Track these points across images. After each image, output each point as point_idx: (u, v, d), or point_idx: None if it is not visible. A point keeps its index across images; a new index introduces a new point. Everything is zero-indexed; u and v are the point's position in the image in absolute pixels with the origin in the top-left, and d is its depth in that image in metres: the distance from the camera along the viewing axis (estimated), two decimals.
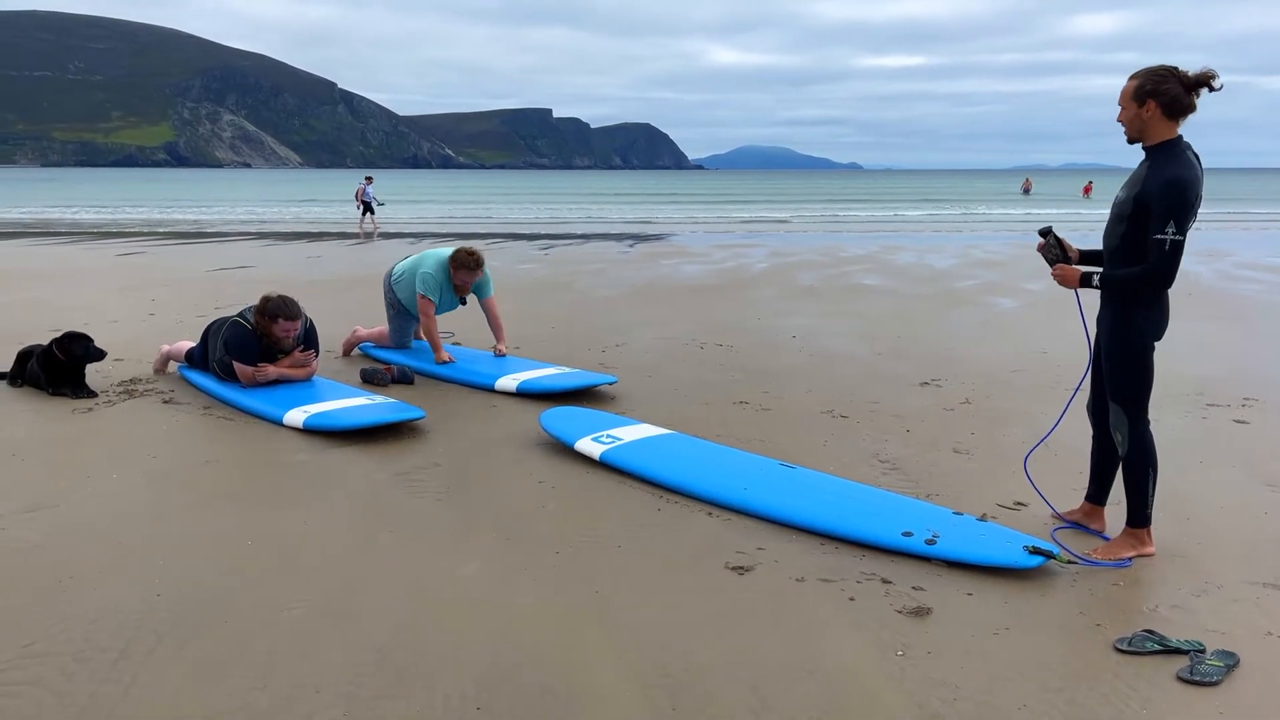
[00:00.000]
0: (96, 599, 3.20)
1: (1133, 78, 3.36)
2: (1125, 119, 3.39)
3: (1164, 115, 3.29)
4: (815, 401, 6.09)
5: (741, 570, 3.47)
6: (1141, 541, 3.60)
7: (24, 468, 4.60)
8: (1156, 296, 3.41)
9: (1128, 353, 3.48)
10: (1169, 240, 3.20)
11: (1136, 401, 3.51)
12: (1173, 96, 3.26)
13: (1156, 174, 3.27)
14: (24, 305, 9.84)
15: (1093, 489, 3.94)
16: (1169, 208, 3.20)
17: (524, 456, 4.88)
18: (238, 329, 5.87)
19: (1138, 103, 3.32)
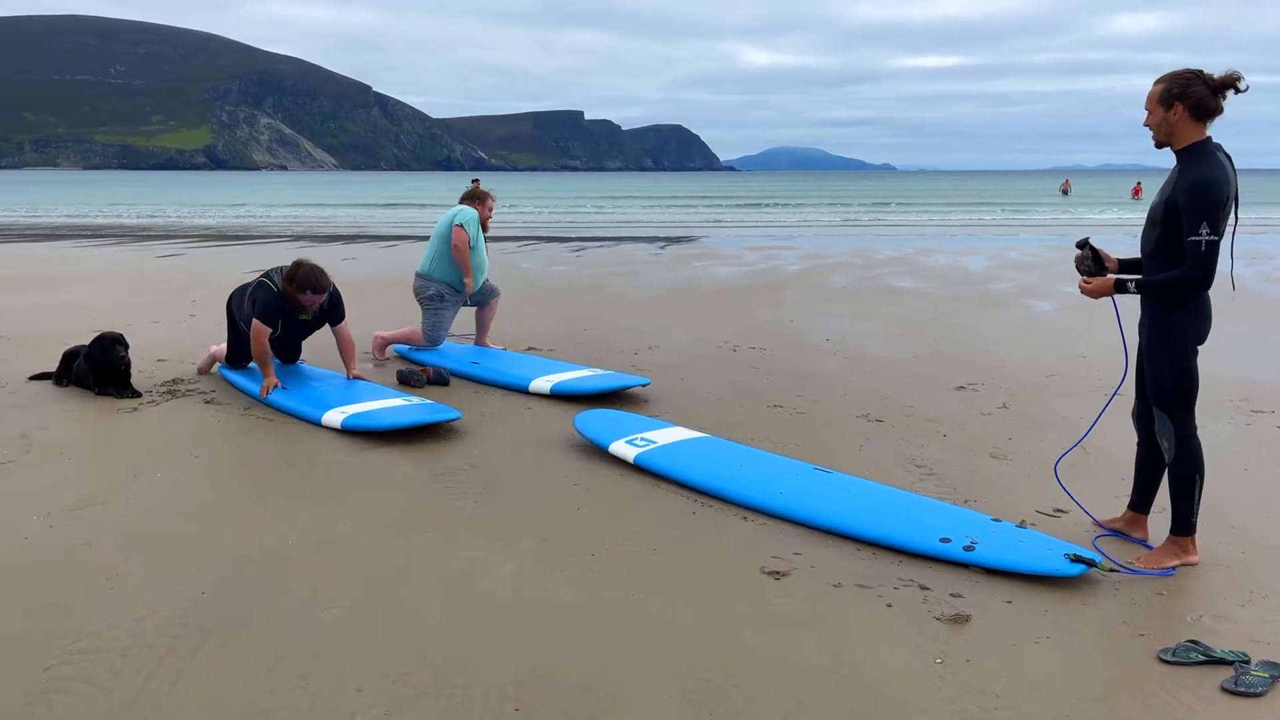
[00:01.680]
0: (143, 596, 3.26)
1: (1158, 82, 3.36)
2: (1153, 123, 3.39)
3: (1191, 118, 3.29)
4: (850, 405, 6.06)
5: (778, 575, 3.47)
6: (1185, 550, 3.54)
7: (72, 466, 4.70)
8: (1196, 299, 3.38)
9: (1170, 357, 3.44)
10: (1204, 241, 3.19)
11: (1181, 407, 3.46)
12: (1199, 99, 3.26)
13: (1185, 177, 3.27)
14: (70, 307, 10.04)
15: (1135, 496, 3.88)
16: (1199, 209, 3.19)
17: (558, 458, 4.91)
18: (266, 291, 5.95)
19: (1164, 106, 3.32)
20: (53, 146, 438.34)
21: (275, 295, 5.94)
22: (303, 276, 5.87)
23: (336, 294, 6.16)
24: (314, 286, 5.88)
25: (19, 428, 5.35)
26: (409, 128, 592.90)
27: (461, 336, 8.32)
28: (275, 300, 5.93)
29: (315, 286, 5.89)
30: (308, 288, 5.88)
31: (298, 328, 6.17)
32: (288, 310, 5.99)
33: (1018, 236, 23.62)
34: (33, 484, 4.42)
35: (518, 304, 10.52)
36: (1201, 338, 3.45)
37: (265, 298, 5.94)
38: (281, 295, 5.94)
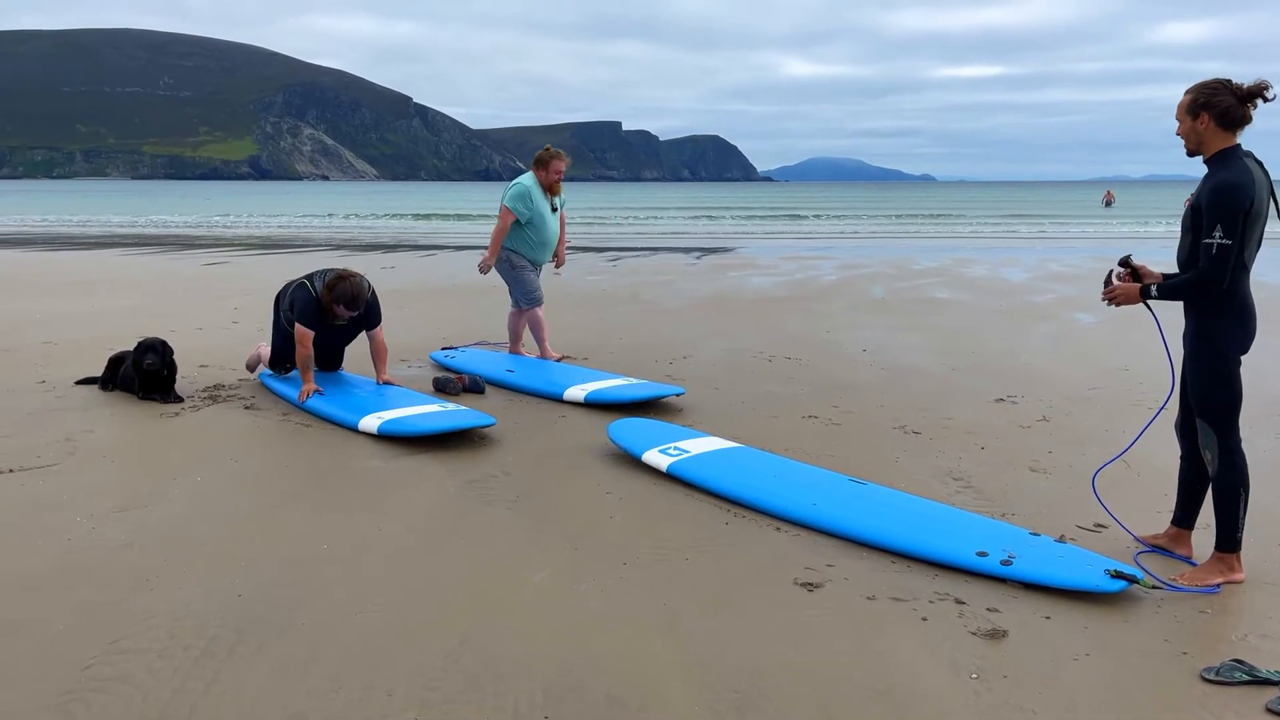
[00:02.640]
0: (181, 597, 3.31)
1: (1187, 92, 3.40)
2: (1183, 132, 3.43)
3: (1219, 126, 3.32)
4: (886, 417, 6.00)
5: (811, 587, 3.44)
6: (1231, 568, 3.47)
7: (114, 469, 4.79)
8: (1234, 306, 3.36)
9: (1210, 366, 3.42)
10: (1216, 244, 3.22)
11: (1224, 417, 3.42)
12: (1225, 108, 3.30)
13: (1210, 182, 3.30)
14: (116, 313, 10.25)
15: (1179, 512, 3.80)
16: (1215, 211, 3.23)
17: (592, 467, 4.91)
18: (305, 294, 6.05)
19: (1192, 116, 3.36)
20: (103, 157, 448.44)
21: (313, 300, 6.03)
22: (341, 290, 5.91)
23: (374, 300, 6.21)
24: (348, 303, 5.92)
25: (65, 431, 5.46)
26: (449, 138, 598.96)
27: (496, 345, 8.37)
28: (312, 304, 6.02)
29: (350, 303, 5.93)
30: (342, 302, 5.92)
31: (333, 332, 6.25)
32: (322, 314, 6.07)
33: (1058, 248, 23.29)
34: (77, 486, 4.51)
35: (553, 312, 10.53)
36: (1244, 347, 3.42)
37: (303, 300, 6.03)
38: (318, 300, 6.02)
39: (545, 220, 7.22)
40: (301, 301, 6.03)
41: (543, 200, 7.20)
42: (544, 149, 7.34)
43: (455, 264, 17.77)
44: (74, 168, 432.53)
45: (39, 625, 3.10)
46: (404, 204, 62.83)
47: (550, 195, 7.24)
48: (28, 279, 14.05)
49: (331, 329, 6.19)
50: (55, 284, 13.24)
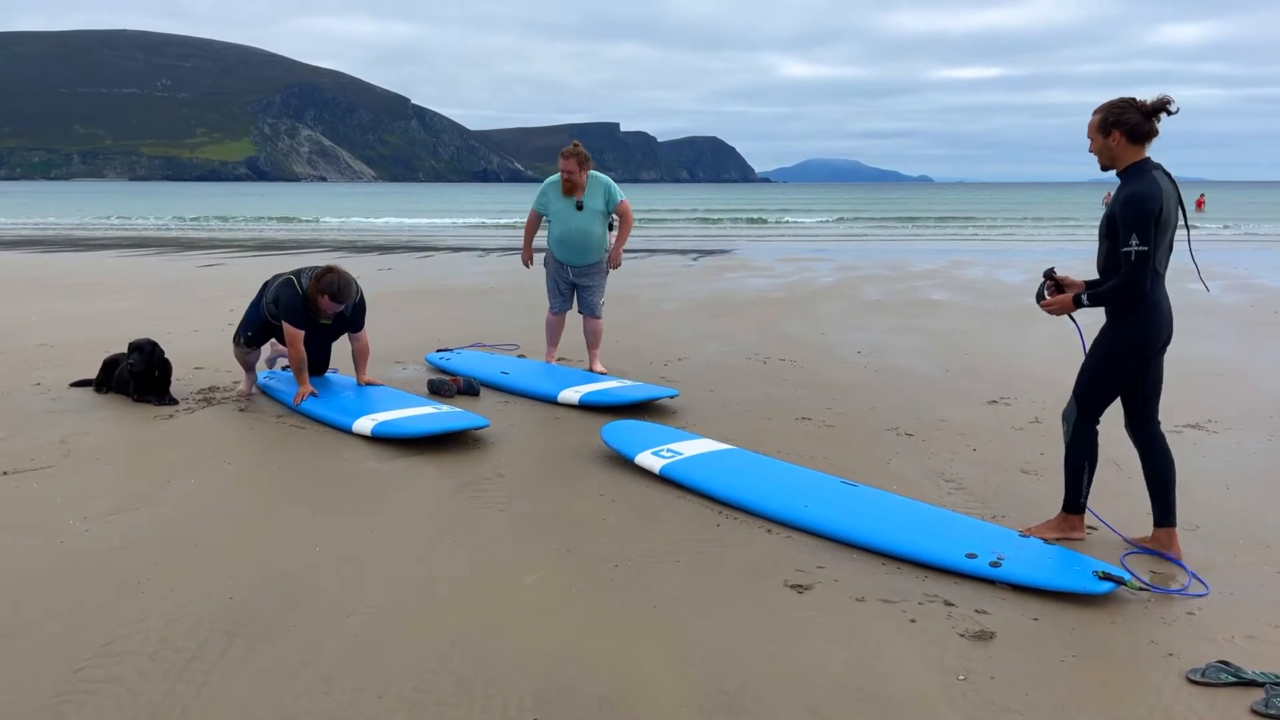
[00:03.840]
0: (173, 600, 3.32)
1: (1096, 112, 3.61)
2: (1095, 150, 3.63)
3: (1129, 142, 3.53)
4: (880, 418, 6.02)
5: (801, 589, 3.45)
6: (1073, 526, 3.86)
7: (108, 472, 4.80)
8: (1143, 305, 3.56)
9: (1103, 354, 3.68)
10: (1134, 252, 3.43)
11: (1092, 402, 3.73)
12: (1134, 125, 3.50)
13: (1123, 194, 3.51)
14: (112, 315, 10.25)
15: (1156, 511, 3.84)
16: (1129, 221, 3.43)
17: (585, 469, 4.92)
18: (290, 291, 5.94)
19: (1104, 134, 3.57)
20: (100, 158, 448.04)
21: (299, 298, 5.93)
22: (328, 281, 5.84)
23: (362, 303, 6.18)
24: (334, 294, 5.84)
25: (59, 433, 5.47)
26: (447, 139, 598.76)
27: (492, 347, 8.38)
28: (298, 303, 5.92)
29: (336, 295, 5.85)
30: (328, 293, 5.83)
31: (316, 332, 6.14)
32: (308, 311, 5.97)
33: (1055, 249, 23.34)
34: (71, 488, 4.52)
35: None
36: (1149, 344, 3.64)
37: (288, 299, 5.93)
38: (304, 296, 5.92)
39: (562, 217, 7.01)
40: (287, 300, 5.93)
41: (558, 197, 7.01)
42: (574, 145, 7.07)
43: (452, 265, 17.79)
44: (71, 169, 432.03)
45: (32, 627, 3.11)
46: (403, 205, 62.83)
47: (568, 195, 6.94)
48: (24, 281, 14.05)
49: (316, 328, 6.09)
50: (51, 286, 13.25)
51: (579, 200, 6.94)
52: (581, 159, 6.89)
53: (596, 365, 7.33)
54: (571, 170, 6.86)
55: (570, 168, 6.86)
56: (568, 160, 6.87)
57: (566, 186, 6.93)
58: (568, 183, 6.90)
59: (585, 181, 6.95)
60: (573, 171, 6.86)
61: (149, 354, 6.19)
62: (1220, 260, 19.37)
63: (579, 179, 6.90)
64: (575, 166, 6.86)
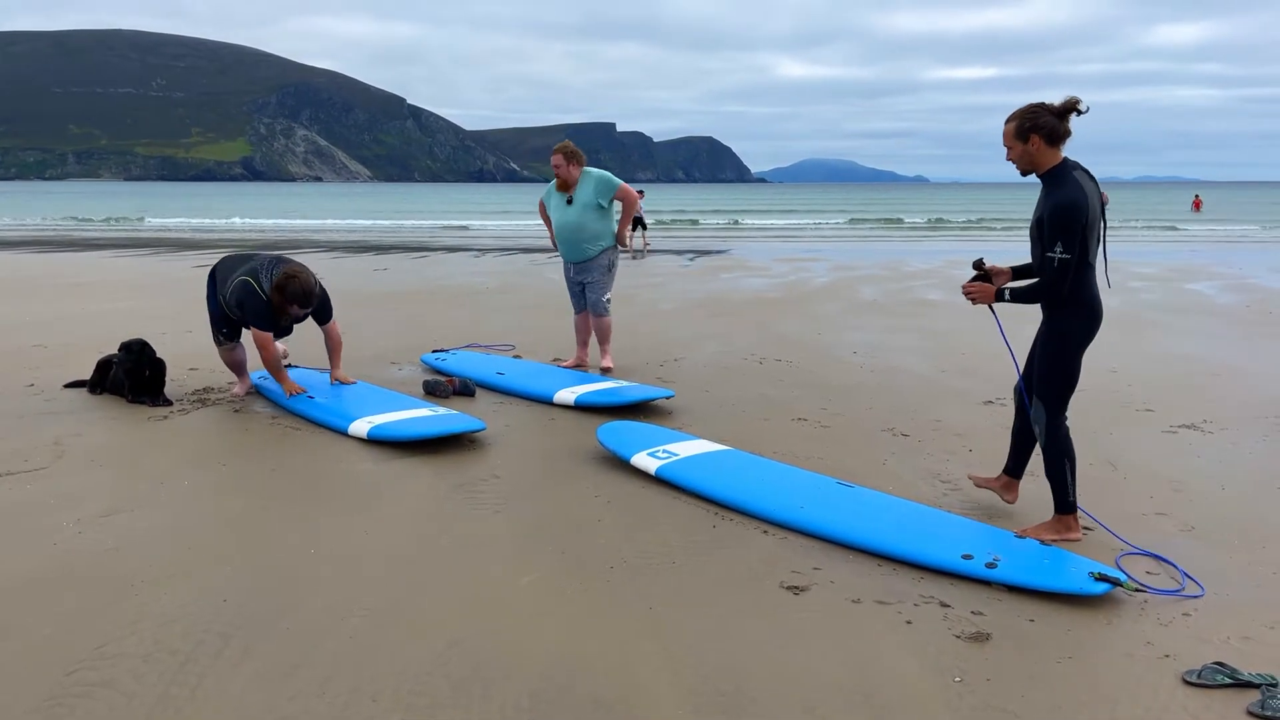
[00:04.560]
0: (166, 602, 3.31)
1: (1009, 120, 3.68)
2: (1014, 157, 3.71)
3: (1047, 145, 3.62)
4: (876, 419, 6.02)
5: (797, 590, 3.45)
6: (1068, 526, 3.87)
7: (102, 473, 4.78)
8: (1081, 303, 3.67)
9: (1055, 354, 3.76)
10: (1057, 259, 3.54)
11: (1058, 399, 3.80)
12: (1050, 128, 3.59)
13: (1050, 198, 3.60)
14: (107, 315, 10.23)
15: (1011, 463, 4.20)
16: (1055, 229, 3.53)
17: (581, 470, 4.92)
18: (254, 298, 5.81)
19: (1022, 140, 3.65)
20: (95, 158, 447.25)
21: (264, 304, 5.84)
22: (292, 290, 5.74)
23: (324, 294, 6.10)
24: (302, 302, 5.80)
25: (53, 435, 5.45)
26: (443, 139, 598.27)
27: (488, 347, 8.37)
28: (264, 308, 5.84)
29: (304, 302, 5.80)
30: (296, 302, 5.78)
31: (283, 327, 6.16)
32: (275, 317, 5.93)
33: None
34: (64, 490, 4.50)
35: (545, 315, 10.57)
36: (1087, 341, 3.77)
37: (254, 305, 5.82)
38: (269, 303, 5.83)
39: (555, 213, 7.22)
40: (252, 306, 5.83)
41: (554, 193, 7.22)
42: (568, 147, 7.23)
43: (448, 265, 17.76)
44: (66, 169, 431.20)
45: (25, 630, 3.10)
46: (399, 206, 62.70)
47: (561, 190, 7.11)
48: (18, 281, 14.02)
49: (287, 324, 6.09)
50: (47, 286, 13.22)
51: (570, 196, 7.10)
52: (569, 153, 7.04)
53: (604, 362, 7.39)
54: (558, 164, 7.05)
55: (557, 162, 7.05)
56: (555, 155, 7.07)
57: (558, 183, 7.13)
58: (559, 178, 7.10)
59: (576, 177, 7.07)
60: (559, 165, 7.04)
61: (138, 353, 6.18)
62: (1217, 260, 19.42)
63: (567, 174, 7.05)
64: (562, 161, 7.03)
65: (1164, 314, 11.09)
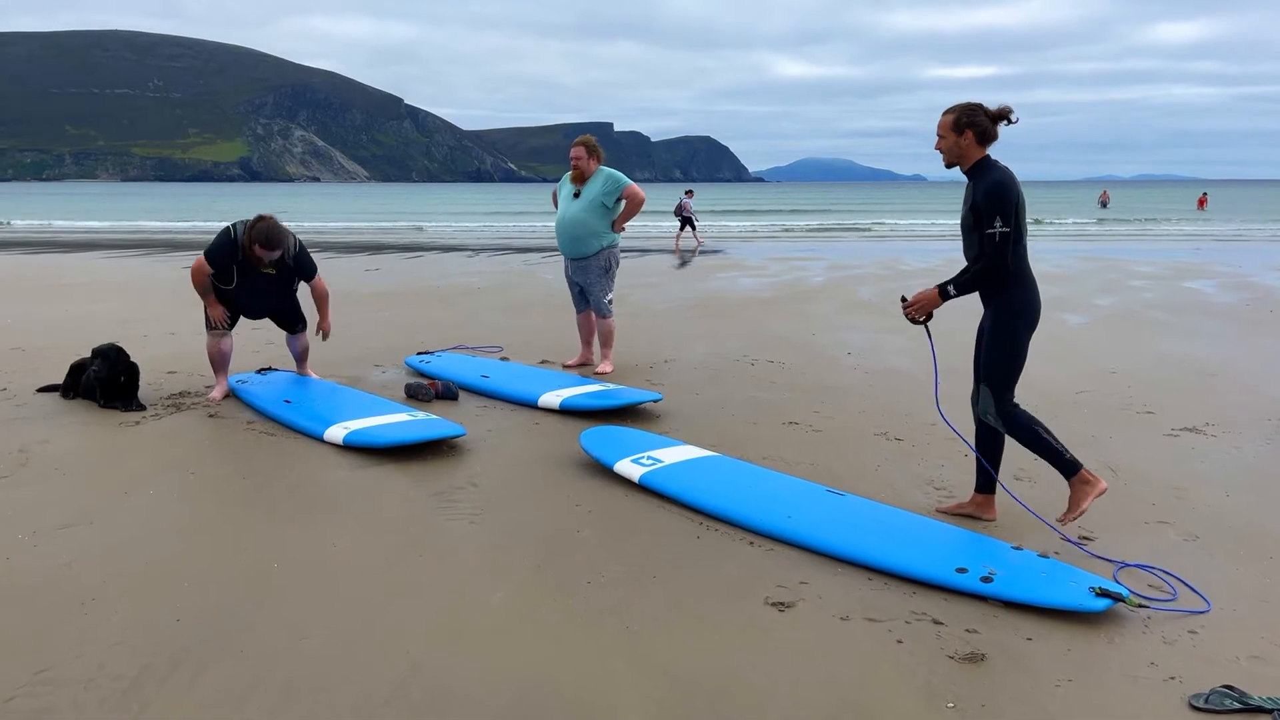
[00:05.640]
0: (117, 622, 3.14)
1: (948, 112, 3.87)
2: (944, 147, 3.88)
3: (976, 142, 3.82)
4: (869, 422, 5.85)
5: (783, 606, 3.27)
6: (1088, 482, 3.80)
7: (65, 482, 4.60)
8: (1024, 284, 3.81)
9: (1007, 337, 3.85)
10: (998, 233, 3.68)
11: (1005, 382, 3.88)
12: (984, 128, 3.80)
13: (980, 184, 3.76)
14: (89, 318, 10.04)
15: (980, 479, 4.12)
16: (992, 206, 3.68)
17: (562, 477, 4.74)
18: (224, 236, 6.04)
19: (956, 133, 3.83)
20: (92, 159, 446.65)
21: (230, 241, 6.01)
22: (259, 231, 5.93)
23: (302, 252, 6.29)
24: (264, 242, 5.94)
25: (19, 441, 5.27)
26: (440, 139, 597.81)
27: (475, 349, 8.20)
28: (228, 245, 6.02)
29: (265, 242, 5.94)
30: (258, 242, 5.94)
31: (262, 283, 6.18)
32: (242, 259, 6.04)
33: (1047, 248, 23.21)
34: (24, 500, 4.33)
35: (534, 315, 10.40)
36: (1036, 320, 3.88)
37: (219, 241, 6.03)
38: (237, 243, 6.01)
39: (561, 204, 7.19)
40: (218, 242, 6.03)
41: (566, 184, 7.19)
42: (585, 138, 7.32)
43: (441, 265, 17.58)
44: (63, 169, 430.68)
45: None
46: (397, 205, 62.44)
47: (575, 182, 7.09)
48: (3, 282, 13.82)
49: (259, 278, 6.13)
50: (31, 288, 13.03)
51: (579, 189, 7.06)
52: (590, 147, 7.05)
53: (602, 366, 7.29)
54: (579, 156, 7.01)
55: (577, 154, 7.03)
56: (576, 147, 7.04)
57: (574, 173, 7.08)
58: (575, 169, 7.05)
59: (593, 171, 7.04)
60: (579, 157, 7.01)
61: (113, 360, 6.00)
62: (1216, 259, 19.27)
63: (585, 166, 7.01)
64: (583, 153, 7.01)
65: (1163, 313, 10.93)
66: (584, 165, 7.00)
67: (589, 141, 7.08)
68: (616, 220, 7.09)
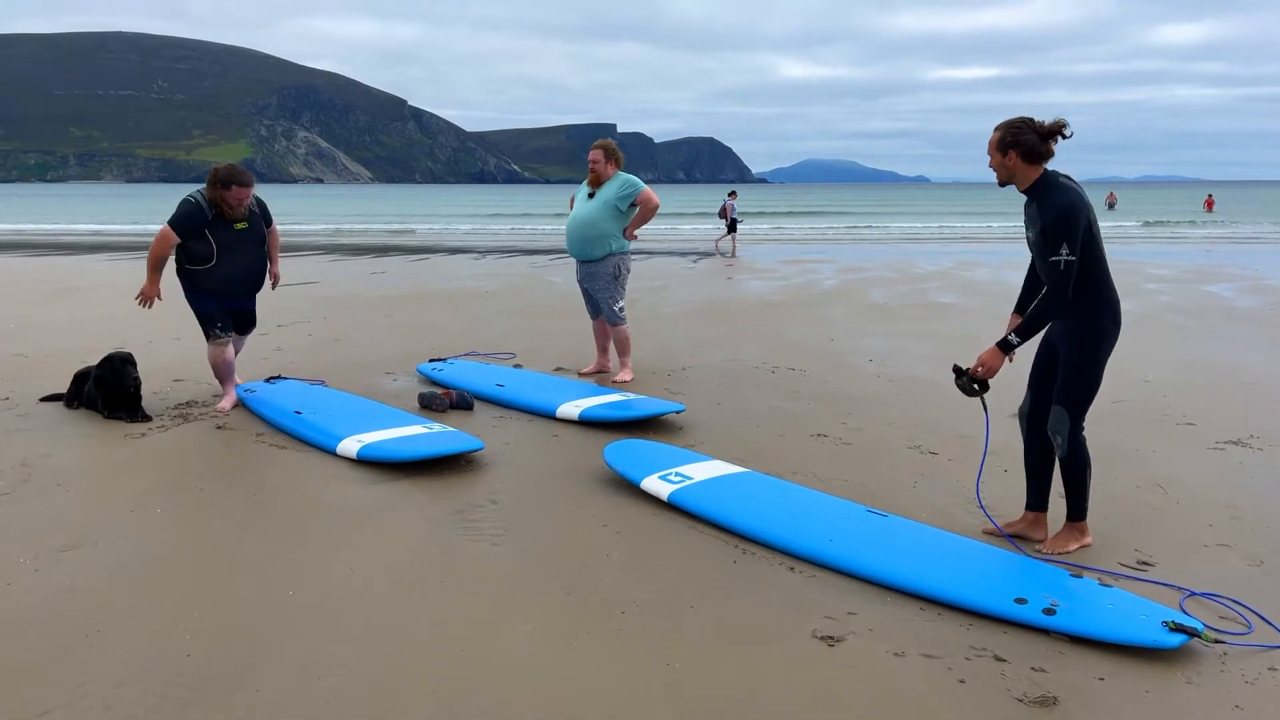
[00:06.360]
0: (122, 656, 2.94)
1: (996, 129, 3.69)
2: (994, 166, 3.71)
3: (1024, 162, 3.62)
4: (899, 434, 5.64)
5: (832, 641, 3.06)
6: (1083, 532, 3.82)
7: (68, 500, 4.41)
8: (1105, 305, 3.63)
9: (1085, 360, 3.65)
10: (1063, 261, 3.49)
11: (1081, 406, 3.70)
12: (1030, 146, 3.59)
13: (1047, 208, 3.55)
14: (94, 322, 9.87)
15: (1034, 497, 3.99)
16: (1058, 233, 3.49)
17: (586, 495, 4.54)
18: (185, 204, 5.75)
19: (1001, 153, 3.66)
20: (97, 160, 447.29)
21: (194, 205, 5.73)
22: (224, 172, 5.73)
23: (263, 202, 6.11)
24: (237, 180, 5.71)
25: (22, 454, 5.09)
26: (443, 141, 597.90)
27: (487, 356, 8.00)
28: (194, 209, 5.74)
29: (238, 180, 5.72)
30: (233, 182, 5.70)
31: (242, 240, 5.92)
32: (213, 219, 5.76)
33: None
34: (27, 519, 4.13)
35: (545, 319, 10.21)
36: (1114, 343, 3.70)
37: (182, 210, 5.74)
38: (202, 206, 5.73)
39: (576, 207, 7.05)
40: (181, 211, 5.74)
41: (583, 188, 7.08)
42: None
43: (448, 268, 17.39)
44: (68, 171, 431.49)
45: None
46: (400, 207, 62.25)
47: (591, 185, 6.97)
48: (5, 286, 13.65)
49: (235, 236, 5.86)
50: (35, 292, 12.86)
51: (594, 191, 6.94)
52: (608, 150, 6.92)
53: (621, 374, 7.13)
54: (596, 160, 6.89)
55: (595, 157, 6.91)
56: (595, 150, 6.92)
57: (591, 176, 6.97)
58: (592, 171, 6.94)
59: (610, 175, 6.91)
60: (597, 161, 6.89)
61: (118, 368, 5.81)
62: (1231, 261, 19.03)
63: (603, 170, 6.88)
64: (600, 157, 6.89)
65: (1185, 317, 10.71)
66: (601, 170, 6.86)
67: (608, 145, 6.92)
68: (629, 226, 6.91)
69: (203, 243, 5.79)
